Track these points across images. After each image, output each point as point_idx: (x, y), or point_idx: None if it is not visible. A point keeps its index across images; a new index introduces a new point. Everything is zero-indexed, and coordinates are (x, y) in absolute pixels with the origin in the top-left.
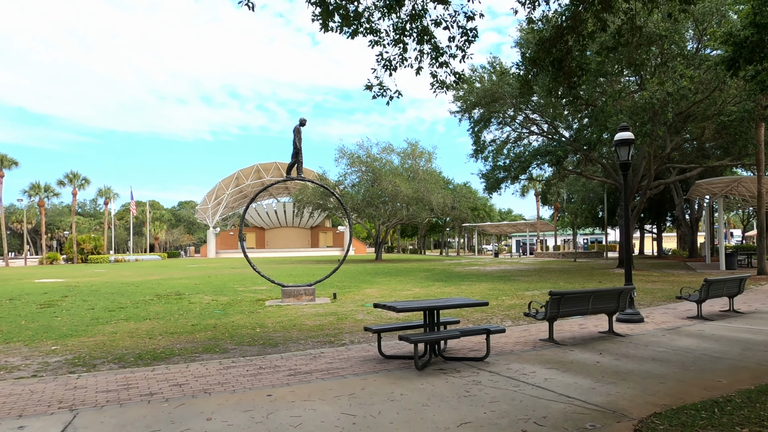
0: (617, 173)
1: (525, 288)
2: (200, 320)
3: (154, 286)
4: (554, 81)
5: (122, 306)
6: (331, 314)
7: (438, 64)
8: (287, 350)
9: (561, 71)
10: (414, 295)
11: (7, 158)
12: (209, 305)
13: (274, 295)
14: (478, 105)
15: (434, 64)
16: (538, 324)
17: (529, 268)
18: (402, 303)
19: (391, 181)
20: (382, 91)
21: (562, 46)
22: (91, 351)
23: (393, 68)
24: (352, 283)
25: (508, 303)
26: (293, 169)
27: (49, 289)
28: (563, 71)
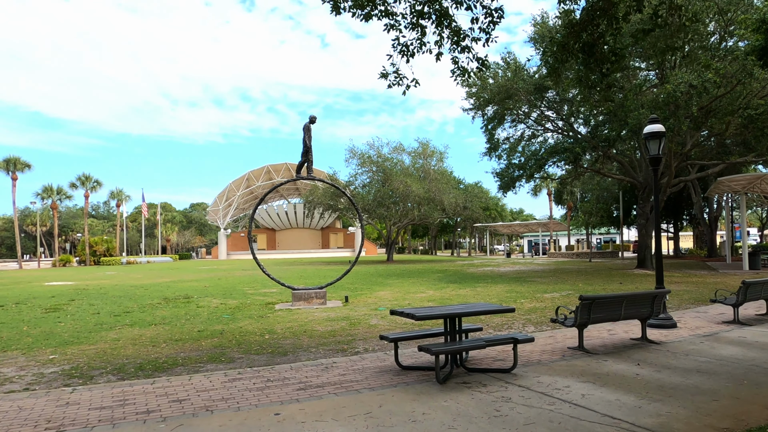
0: (635, 170)
1: (543, 290)
2: (207, 326)
3: (163, 289)
4: (585, 68)
5: (128, 310)
6: (343, 319)
7: (459, 48)
8: (297, 359)
9: (592, 57)
10: (428, 298)
11: (21, 161)
12: (217, 309)
13: (284, 298)
14: (491, 102)
15: (455, 49)
16: (563, 330)
17: (544, 269)
18: (421, 310)
19: (402, 180)
20: (399, 79)
21: (594, 29)
22: (90, 360)
23: (410, 54)
24: (364, 285)
25: (528, 306)
26: (303, 168)
27: (58, 292)
28: (595, 57)
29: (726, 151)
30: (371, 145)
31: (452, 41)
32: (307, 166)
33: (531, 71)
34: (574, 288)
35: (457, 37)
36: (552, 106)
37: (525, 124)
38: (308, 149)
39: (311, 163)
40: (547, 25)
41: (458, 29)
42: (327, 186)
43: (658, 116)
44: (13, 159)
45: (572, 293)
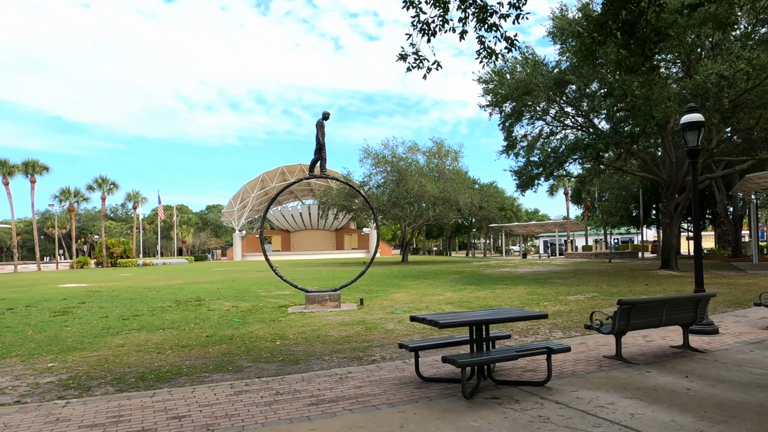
0: (659, 168)
1: (566, 292)
2: (216, 330)
3: (176, 292)
4: (625, 49)
5: (137, 314)
6: (358, 323)
7: (486, 26)
8: (309, 368)
9: (633, 37)
10: (446, 301)
11: (39, 164)
12: (228, 313)
13: (297, 300)
14: (509, 98)
15: (481, 27)
16: (594, 336)
17: (563, 270)
18: (444, 316)
19: (417, 180)
20: (419, 61)
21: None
22: (90, 369)
23: (432, 33)
24: (380, 287)
25: (552, 309)
26: (316, 166)
27: (70, 294)
28: (635, 37)
29: (753, 146)
30: (386, 145)
31: (478, 18)
32: (320, 164)
33: (550, 66)
34: (598, 290)
35: (483, 13)
36: (572, 102)
37: (543, 121)
38: (321, 146)
39: (325, 161)
40: (566, 18)
41: (485, 4)
42: (341, 186)
43: None
44: (31, 162)
45: (597, 295)
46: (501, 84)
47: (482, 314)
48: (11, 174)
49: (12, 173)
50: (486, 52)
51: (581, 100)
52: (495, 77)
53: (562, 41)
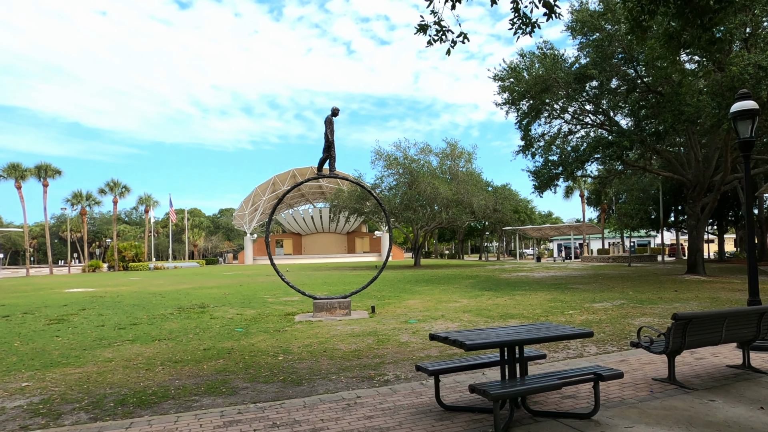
0: (684, 167)
1: (591, 299)
2: (216, 342)
3: (180, 297)
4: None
5: (136, 322)
6: (369, 334)
7: None
8: (313, 390)
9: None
10: (463, 308)
11: (51, 168)
12: (231, 321)
13: (305, 307)
14: (527, 95)
15: None
16: (635, 351)
17: (582, 274)
18: (470, 335)
19: (429, 182)
20: (441, 33)
21: None
22: (67, 390)
23: None
24: (392, 293)
25: (579, 319)
26: (325, 165)
27: (72, 300)
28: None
29: None
30: (397, 147)
31: None
32: (329, 162)
33: (568, 62)
34: (625, 296)
35: None
36: (592, 99)
37: (562, 119)
38: (330, 144)
39: (334, 160)
40: (587, 11)
41: None
42: (352, 189)
43: (721, 103)
44: (44, 166)
45: (625, 303)
46: (518, 81)
47: (515, 332)
48: (24, 177)
49: (24, 177)
50: (521, 21)
51: (602, 97)
52: (511, 74)
53: (583, 34)
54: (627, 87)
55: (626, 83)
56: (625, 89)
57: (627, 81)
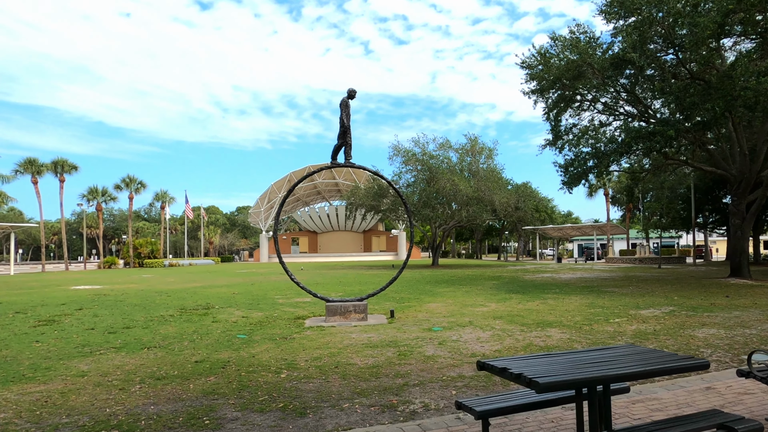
0: (728, 161)
1: (633, 304)
2: (212, 352)
3: (187, 297)
4: None
5: (130, 325)
6: (388, 345)
7: None
8: (320, 425)
9: None
10: (492, 314)
11: (68, 163)
12: (235, 325)
13: (317, 310)
14: (557, 82)
15: None
16: (723, 376)
17: (612, 276)
18: (534, 365)
19: (449, 179)
20: None
21: None
22: (15, 417)
23: None
24: (411, 295)
25: (630, 329)
26: (340, 152)
27: (74, 298)
28: None
29: None
30: (416, 142)
31: None
32: (344, 150)
33: (603, 46)
34: (671, 302)
35: None
36: (628, 87)
37: (594, 108)
38: (346, 129)
39: (350, 147)
40: None
41: None
42: (369, 186)
43: None
44: (60, 161)
45: (675, 309)
46: (547, 68)
47: (596, 360)
48: (40, 173)
49: (41, 172)
50: None
51: (640, 84)
52: (541, 60)
53: (621, 17)
54: (665, 75)
55: (664, 71)
56: (663, 76)
57: (666, 68)
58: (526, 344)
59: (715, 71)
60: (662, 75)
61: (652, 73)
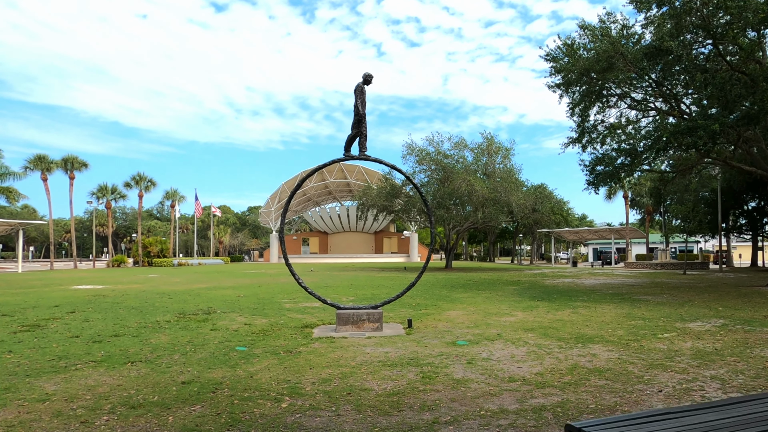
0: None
1: (677, 316)
2: (204, 369)
3: (189, 300)
4: None
5: (120, 332)
6: (409, 363)
7: None
8: None
9: None
10: (521, 325)
11: (78, 160)
12: (236, 334)
13: (326, 317)
14: (586, 74)
15: None
16: None
17: (638, 283)
18: None
19: (464, 179)
20: None
21: None
22: None
23: None
24: (428, 301)
25: (685, 348)
26: (354, 143)
27: (69, 300)
28: None
29: None
30: (430, 141)
31: None
32: (359, 141)
33: (635, 36)
34: (717, 313)
35: None
36: (663, 80)
37: (623, 103)
38: (361, 118)
39: (365, 138)
40: None
41: None
42: (381, 186)
43: None
44: (70, 158)
45: (726, 323)
46: (574, 60)
47: (745, 420)
48: (50, 170)
49: (50, 169)
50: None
51: (678, 75)
52: (568, 52)
53: (654, 5)
54: (705, 65)
55: (700, 62)
56: (704, 67)
57: (701, 60)
58: (570, 366)
59: (757, 64)
60: (702, 66)
61: (687, 65)
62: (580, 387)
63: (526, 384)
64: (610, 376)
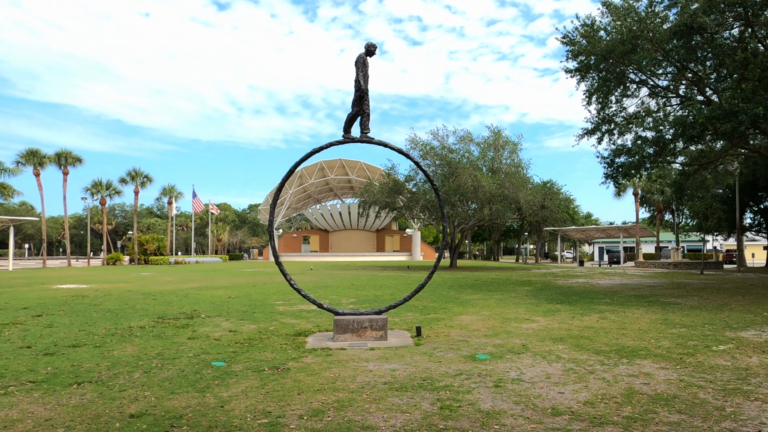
0: None
1: (720, 322)
2: (164, 395)
3: (174, 301)
4: None
5: (81, 342)
6: (421, 385)
7: None
8: None
9: None
10: (547, 333)
11: (72, 155)
12: (216, 345)
13: (323, 322)
14: (609, 57)
15: None
16: None
17: (657, 283)
18: None
19: (470, 174)
20: None
21: None
22: None
23: None
24: (436, 303)
25: (754, 364)
26: (355, 124)
27: (42, 301)
28: None
29: None
30: (434, 135)
31: None
32: (361, 121)
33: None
34: (763, 319)
35: None
36: (693, 60)
37: (636, 97)
38: (363, 94)
39: (368, 118)
40: None
41: None
42: (384, 182)
43: None
44: (64, 153)
45: None
46: (594, 42)
47: None
48: (42, 165)
49: (43, 164)
50: None
51: (705, 57)
52: (588, 32)
53: None
54: (741, 44)
55: (730, 45)
56: (744, 46)
57: (735, 43)
58: (625, 390)
59: None
60: (742, 45)
61: (720, 45)
62: (649, 425)
63: (577, 419)
64: (681, 407)
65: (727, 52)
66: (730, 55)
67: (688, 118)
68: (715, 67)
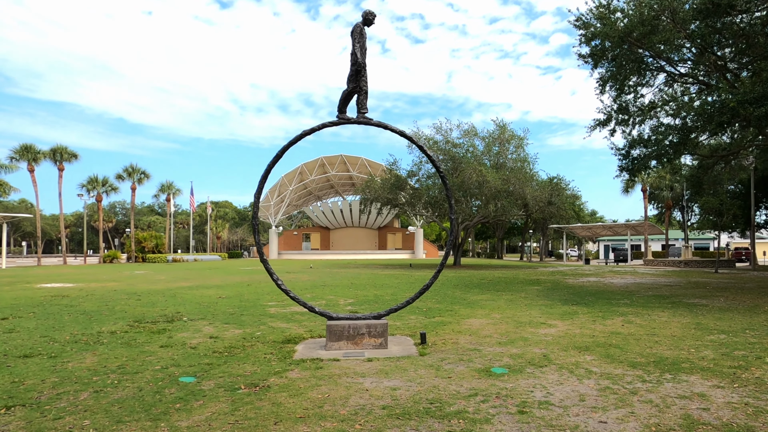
0: None
1: (763, 328)
2: (106, 427)
3: (160, 301)
4: None
5: (36, 351)
6: (428, 411)
7: None
8: None
9: None
10: (570, 341)
11: (68, 151)
12: (191, 354)
13: (316, 327)
14: (626, 40)
15: None
16: None
17: (673, 282)
18: None
19: (475, 169)
20: None
21: None
22: None
23: None
24: (442, 304)
25: None
26: (351, 102)
27: (16, 302)
28: None
29: None
30: (438, 129)
31: None
32: (357, 99)
33: None
34: None
35: None
36: (716, 44)
37: (654, 85)
38: (360, 69)
39: (366, 96)
40: None
41: None
42: (386, 178)
43: None
44: (59, 148)
45: None
46: (611, 24)
47: None
48: (36, 160)
49: (37, 159)
50: None
51: (731, 40)
52: (603, 13)
53: None
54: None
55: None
56: None
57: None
58: (682, 420)
59: None
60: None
61: (751, 23)
62: None
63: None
64: None
65: (758, 34)
66: (758, 38)
67: (715, 103)
68: (742, 50)
